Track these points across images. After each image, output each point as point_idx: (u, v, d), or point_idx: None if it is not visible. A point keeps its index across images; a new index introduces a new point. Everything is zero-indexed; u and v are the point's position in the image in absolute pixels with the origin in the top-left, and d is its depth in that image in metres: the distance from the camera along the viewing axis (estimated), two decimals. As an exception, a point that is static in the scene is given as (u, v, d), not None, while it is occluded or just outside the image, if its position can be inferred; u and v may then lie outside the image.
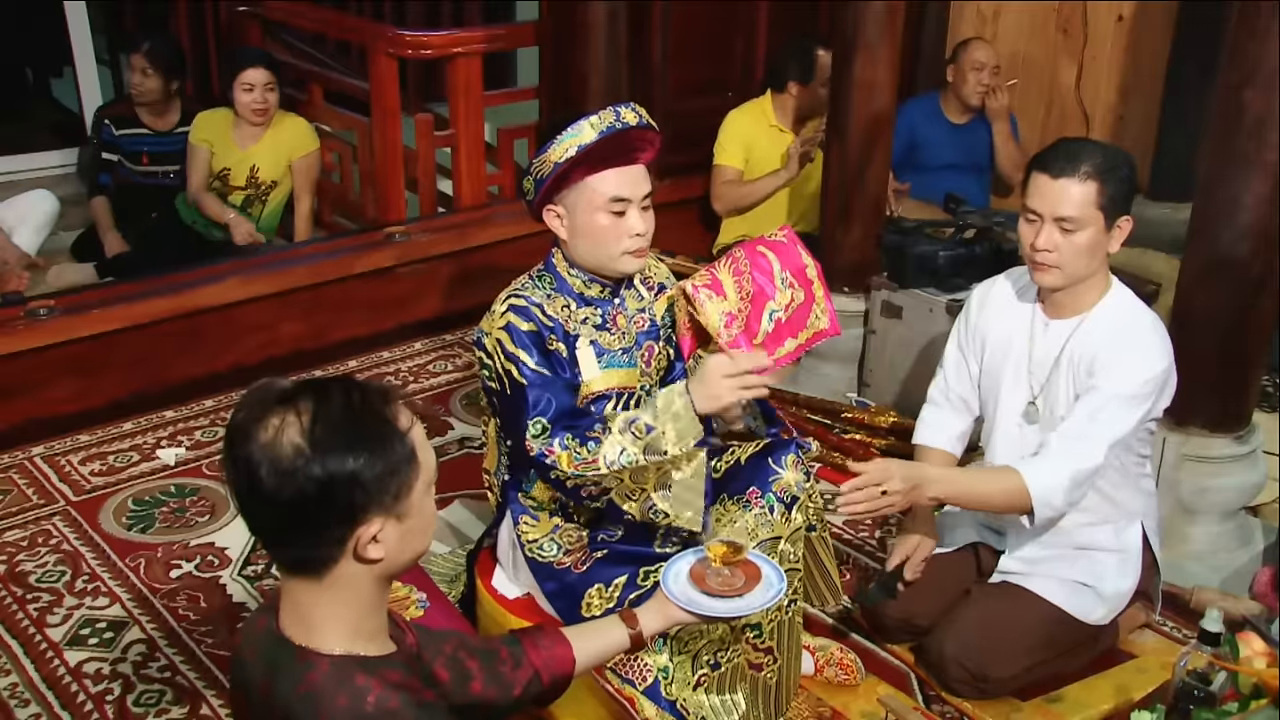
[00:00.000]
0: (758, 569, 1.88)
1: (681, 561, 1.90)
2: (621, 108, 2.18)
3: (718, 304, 2.17)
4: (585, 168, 2.16)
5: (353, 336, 3.95)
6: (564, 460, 2.08)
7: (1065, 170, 2.25)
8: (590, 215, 2.19)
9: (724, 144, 4.28)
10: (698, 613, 1.82)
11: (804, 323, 2.23)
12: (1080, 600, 2.43)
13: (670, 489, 2.09)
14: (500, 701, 1.66)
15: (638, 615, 1.82)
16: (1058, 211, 2.25)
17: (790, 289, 2.21)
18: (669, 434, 2.02)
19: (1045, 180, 2.27)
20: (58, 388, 3.41)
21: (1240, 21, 2.62)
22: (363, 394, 1.35)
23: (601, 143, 2.13)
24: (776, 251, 2.23)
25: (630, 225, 2.19)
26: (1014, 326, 2.47)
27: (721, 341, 2.16)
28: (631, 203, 2.19)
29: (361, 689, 1.34)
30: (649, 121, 2.21)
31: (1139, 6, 4.36)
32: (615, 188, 2.17)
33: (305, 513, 1.30)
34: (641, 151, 2.21)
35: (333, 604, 1.37)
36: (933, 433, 2.65)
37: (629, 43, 4.24)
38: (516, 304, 2.21)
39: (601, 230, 2.19)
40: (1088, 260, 2.30)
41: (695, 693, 2.14)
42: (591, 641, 1.79)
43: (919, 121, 4.41)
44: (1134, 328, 2.34)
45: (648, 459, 2.03)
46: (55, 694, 2.45)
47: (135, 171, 4.41)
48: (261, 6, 5.09)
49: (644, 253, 2.24)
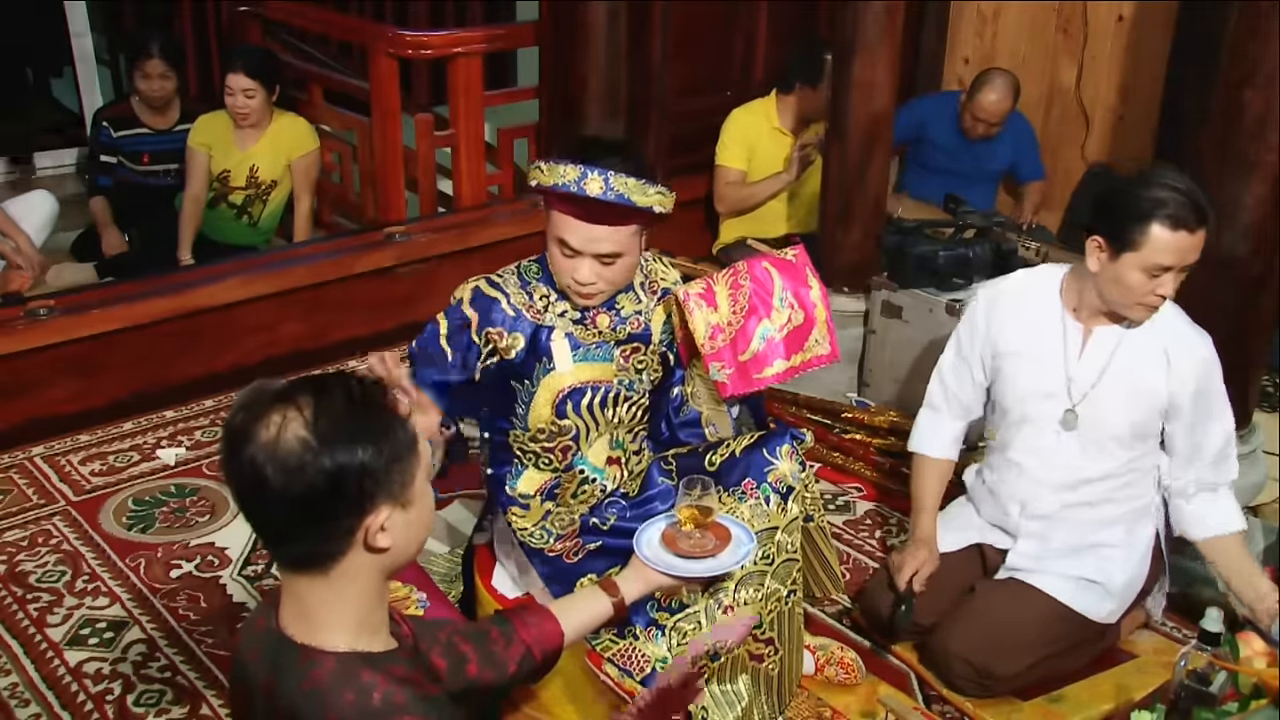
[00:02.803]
0: (727, 530, 1.99)
1: (653, 528, 1.98)
2: (592, 174, 2.03)
3: (706, 314, 2.18)
4: (555, 201, 2.12)
5: (353, 336, 3.94)
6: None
7: (1200, 220, 2.20)
8: (550, 240, 2.18)
9: (726, 144, 4.27)
10: (673, 574, 1.92)
11: (801, 345, 2.24)
12: (1088, 597, 2.44)
13: None
14: (497, 681, 1.69)
15: (618, 583, 1.92)
16: (1185, 261, 2.22)
17: (789, 309, 2.22)
18: None
19: (1184, 236, 2.19)
20: (58, 388, 3.41)
21: (1240, 21, 2.62)
22: (361, 386, 1.35)
23: (557, 193, 2.09)
24: (781, 270, 2.24)
25: (577, 274, 2.14)
26: (1040, 334, 2.45)
27: (704, 352, 2.17)
28: (583, 255, 2.13)
29: (368, 685, 1.34)
30: (622, 197, 2.05)
31: (1139, 6, 4.36)
32: (567, 234, 2.11)
33: (316, 506, 1.30)
34: (610, 220, 2.09)
35: (338, 599, 1.37)
36: (930, 440, 2.65)
37: (629, 43, 4.24)
38: (480, 285, 2.25)
39: (554, 259, 2.18)
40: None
41: None
42: (577, 613, 1.86)
43: (931, 118, 4.39)
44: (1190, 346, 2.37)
45: None
46: (55, 694, 2.45)
47: (136, 171, 4.41)
48: (262, 6, 5.10)
49: (590, 298, 2.19)
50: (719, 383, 2.23)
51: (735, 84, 4.50)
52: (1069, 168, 4.61)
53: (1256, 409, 3.01)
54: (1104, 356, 2.39)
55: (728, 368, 2.21)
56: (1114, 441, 2.42)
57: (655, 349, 2.34)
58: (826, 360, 2.27)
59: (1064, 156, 4.64)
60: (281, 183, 4.28)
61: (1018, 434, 2.50)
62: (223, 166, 4.23)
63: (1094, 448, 2.42)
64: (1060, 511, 2.48)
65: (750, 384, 2.22)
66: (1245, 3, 2.60)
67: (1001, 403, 2.54)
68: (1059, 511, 2.48)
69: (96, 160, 4.44)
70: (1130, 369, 2.37)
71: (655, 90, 4.37)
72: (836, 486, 3.29)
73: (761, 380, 2.23)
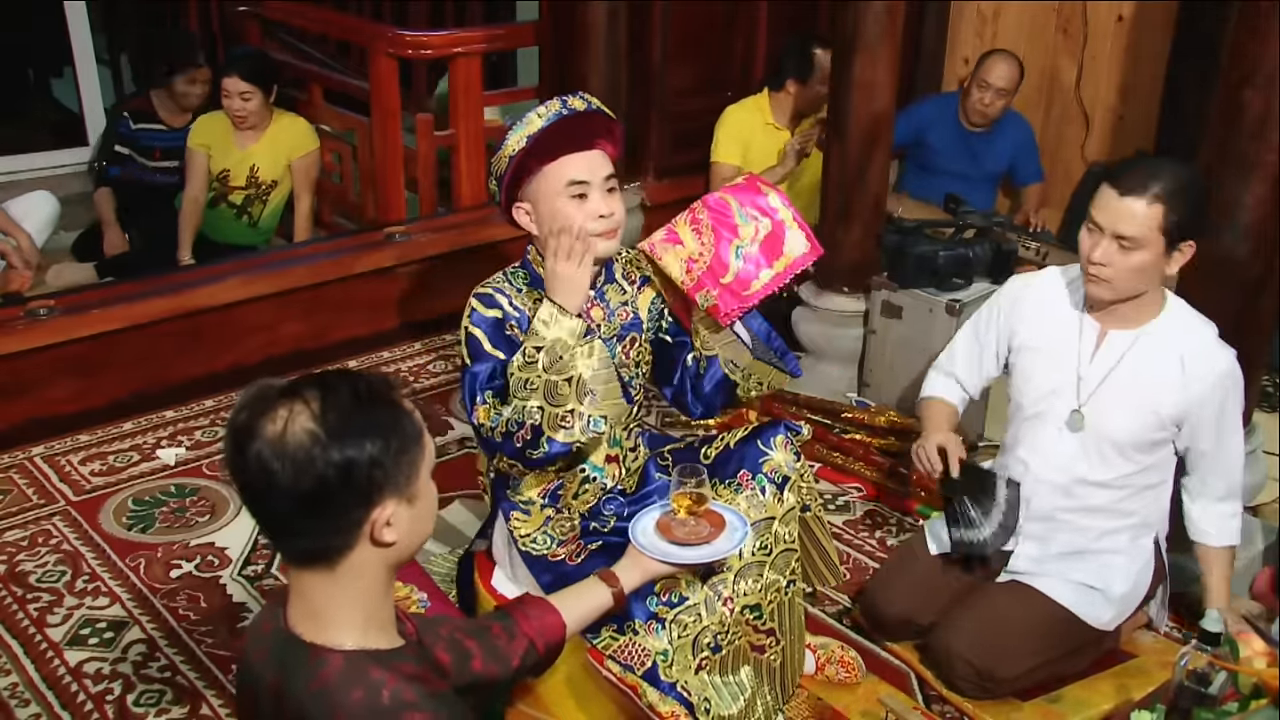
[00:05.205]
0: (721, 517, 1.99)
1: (648, 517, 1.99)
2: (570, 96, 2.18)
3: (676, 252, 2.16)
4: (540, 158, 2.16)
5: (353, 336, 3.95)
6: (485, 413, 2.11)
7: (1135, 189, 2.21)
8: (553, 203, 2.18)
9: (721, 141, 4.27)
10: (669, 561, 1.93)
11: (779, 250, 2.19)
12: (1088, 603, 2.44)
13: (592, 393, 2.09)
14: (501, 675, 1.69)
15: (616, 573, 1.92)
16: (1118, 229, 2.23)
17: (754, 220, 2.18)
18: (550, 335, 2.07)
19: (1112, 196, 2.24)
20: (58, 388, 3.41)
21: (1240, 21, 2.61)
22: (366, 380, 1.36)
23: (551, 130, 2.14)
24: (734, 192, 2.22)
25: (594, 207, 2.18)
26: (1058, 332, 2.45)
27: (686, 288, 2.15)
28: (591, 184, 2.18)
29: (376, 682, 1.34)
30: (600, 107, 2.21)
31: (1139, 6, 4.36)
32: (573, 171, 2.17)
33: (324, 499, 1.30)
34: (598, 138, 2.21)
35: (344, 596, 1.37)
36: (937, 387, 2.67)
37: (629, 43, 4.25)
38: (482, 293, 2.24)
39: (566, 217, 2.17)
40: (1140, 280, 2.29)
41: (697, 675, 2.14)
42: (577, 605, 1.87)
43: (932, 122, 4.39)
44: (1208, 358, 2.35)
45: (547, 367, 2.05)
46: (55, 694, 2.45)
47: (146, 167, 4.44)
48: (261, 6, 5.10)
49: (614, 234, 2.22)
50: (711, 309, 2.17)
51: (735, 84, 4.50)
52: (1069, 168, 4.61)
53: (1256, 409, 3.01)
54: (1113, 359, 2.39)
55: (713, 289, 2.16)
56: (1113, 449, 2.41)
57: (647, 335, 2.36)
58: (811, 257, 2.21)
59: (1064, 156, 4.64)
60: (281, 183, 4.28)
61: (1028, 432, 2.50)
62: (222, 166, 4.23)
63: (1095, 453, 2.42)
64: (1058, 513, 2.48)
65: (742, 300, 2.16)
66: (1245, 3, 2.59)
67: (1016, 398, 2.55)
68: (1057, 513, 2.48)
69: (110, 150, 4.46)
70: (1137, 374, 2.36)
71: (655, 90, 4.38)
72: (836, 486, 3.29)
73: (753, 295, 2.17)
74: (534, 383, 2.06)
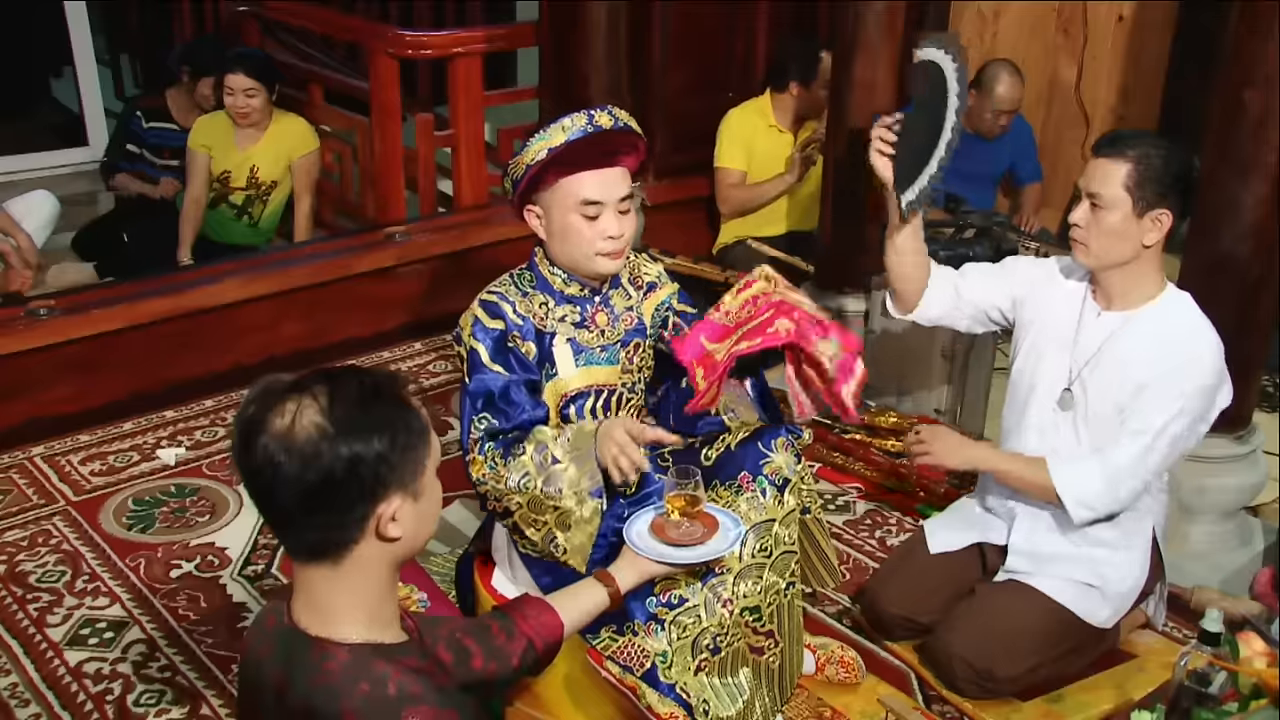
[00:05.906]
0: (715, 519, 2.02)
1: (643, 518, 2.02)
2: (597, 111, 2.17)
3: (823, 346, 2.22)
4: (560, 170, 2.16)
5: (353, 336, 3.95)
6: (478, 466, 2.15)
7: (1107, 150, 2.31)
8: (565, 217, 2.19)
9: (724, 145, 4.27)
10: (665, 561, 1.96)
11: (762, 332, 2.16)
12: (1086, 601, 2.43)
13: (570, 528, 2.14)
14: (501, 675, 1.70)
15: (612, 573, 1.94)
16: (1090, 187, 2.31)
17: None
18: (569, 473, 2.10)
19: (1091, 159, 2.34)
20: (58, 388, 3.41)
21: (1240, 21, 2.62)
22: (373, 376, 1.37)
23: (572, 146, 2.13)
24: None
25: (603, 228, 2.19)
26: (1064, 311, 2.48)
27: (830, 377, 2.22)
28: (606, 205, 2.18)
29: (382, 675, 1.34)
30: (627, 124, 2.20)
31: (1139, 6, 4.36)
32: (588, 191, 2.17)
33: (331, 493, 1.31)
34: (621, 154, 2.21)
35: (349, 590, 1.38)
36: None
37: (629, 43, 4.24)
38: (486, 299, 2.24)
39: (576, 232, 2.19)
40: (1115, 245, 2.31)
41: (696, 677, 2.14)
42: (575, 605, 1.88)
43: None
44: (1182, 340, 2.33)
45: (545, 490, 2.10)
46: (55, 694, 2.45)
47: (154, 165, 4.45)
48: (261, 6, 5.10)
49: (620, 255, 2.23)
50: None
51: (735, 84, 4.50)
52: (1069, 168, 4.61)
53: (1256, 409, 3.01)
54: (1101, 338, 2.40)
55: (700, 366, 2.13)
56: (1101, 427, 2.40)
57: (650, 341, 2.37)
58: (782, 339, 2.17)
59: (1064, 156, 4.64)
60: (282, 183, 4.28)
61: (1028, 411, 2.51)
62: (223, 167, 4.23)
63: (1085, 433, 2.42)
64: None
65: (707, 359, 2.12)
66: (1245, 3, 2.60)
67: (1015, 377, 2.56)
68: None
69: (121, 147, 4.47)
70: (1120, 356, 2.36)
71: (655, 90, 4.38)
72: (836, 486, 3.29)
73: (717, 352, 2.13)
74: (526, 493, 2.13)
